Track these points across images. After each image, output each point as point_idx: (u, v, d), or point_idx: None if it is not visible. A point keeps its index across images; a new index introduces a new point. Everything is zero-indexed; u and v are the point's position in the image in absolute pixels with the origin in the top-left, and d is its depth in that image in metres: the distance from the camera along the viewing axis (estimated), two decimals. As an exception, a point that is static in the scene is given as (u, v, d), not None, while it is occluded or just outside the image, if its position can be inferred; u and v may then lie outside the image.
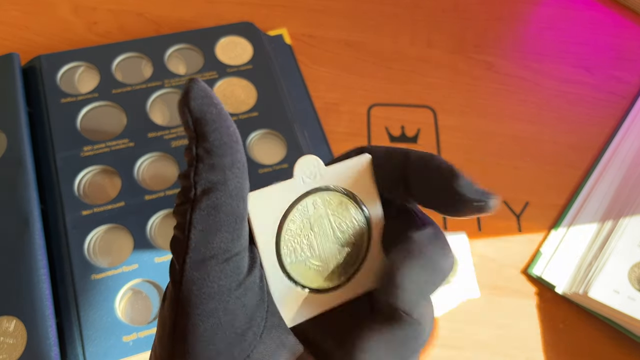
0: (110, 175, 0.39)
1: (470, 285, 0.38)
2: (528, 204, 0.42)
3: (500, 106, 0.47)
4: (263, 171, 0.39)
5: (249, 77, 0.44)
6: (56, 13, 0.49)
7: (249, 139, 0.41)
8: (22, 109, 0.39)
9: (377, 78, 0.48)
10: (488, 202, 0.15)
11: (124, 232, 0.36)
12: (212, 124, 0.15)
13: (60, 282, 0.34)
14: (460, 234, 0.40)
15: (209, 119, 0.15)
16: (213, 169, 0.15)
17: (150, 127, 0.40)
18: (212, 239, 0.15)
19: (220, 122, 0.15)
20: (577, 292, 0.37)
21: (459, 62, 0.49)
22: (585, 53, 0.51)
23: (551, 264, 0.39)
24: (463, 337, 0.37)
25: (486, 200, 0.15)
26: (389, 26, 0.51)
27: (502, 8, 0.53)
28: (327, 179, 0.17)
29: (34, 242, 0.34)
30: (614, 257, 0.37)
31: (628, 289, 0.36)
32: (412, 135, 0.45)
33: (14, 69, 0.41)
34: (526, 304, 0.38)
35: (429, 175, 0.16)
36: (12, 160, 0.37)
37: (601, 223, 0.40)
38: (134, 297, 0.35)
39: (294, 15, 0.51)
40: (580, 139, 0.46)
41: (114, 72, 0.43)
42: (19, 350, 0.31)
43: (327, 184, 0.17)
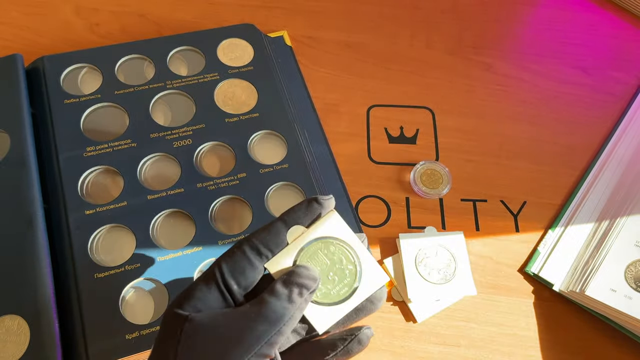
0: (112, 175, 0.39)
1: (467, 283, 0.38)
2: (526, 204, 0.43)
3: (498, 107, 0.47)
4: (264, 171, 0.40)
5: (250, 79, 0.44)
6: (58, 14, 0.50)
7: (250, 140, 0.41)
8: (26, 109, 0.40)
9: (377, 79, 0.48)
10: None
11: (126, 232, 0.37)
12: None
13: (63, 281, 0.35)
14: (457, 234, 0.40)
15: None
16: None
17: (153, 127, 0.41)
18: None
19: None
20: (574, 290, 0.37)
21: (457, 63, 0.50)
22: (583, 54, 0.51)
23: (548, 262, 0.39)
24: (460, 335, 0.37)
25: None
26: (388, 27, 0.51)
27: (501, 9, 0.54)
28: (314, 235, 0.25)
29: (37, 242, 0.34)
30: (610, 256, 0.37)
31: (624, 288, 0.36)
32: (411, 136, 0.45)
33: (17, 70, 0.41)
34: (523, 302, 0.39)
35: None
36: (15, 160, 0.37)
37: (598, 222, 0.41)
38: (137, 295, 0.35)
39: (294, 17, 0.51)
40: (577, 139, 0.46)
41: (117, 74, 0.43)
42: (22, 349, 0.31)
43: (314, 238, 0.25)
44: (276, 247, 0.24)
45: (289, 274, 0.23)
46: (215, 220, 0.38)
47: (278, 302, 0.22)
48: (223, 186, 0.39)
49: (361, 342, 0.25)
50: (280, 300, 0.22)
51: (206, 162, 0.41)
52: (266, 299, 0.22)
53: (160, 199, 0.38)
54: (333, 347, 0.24)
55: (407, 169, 0.43)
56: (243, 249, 0.24)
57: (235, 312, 0.22)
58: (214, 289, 0.23)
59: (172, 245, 0.37)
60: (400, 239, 0.39)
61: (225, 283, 0.23)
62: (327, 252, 0.25)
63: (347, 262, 0.25)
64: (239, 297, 0.23)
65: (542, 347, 0.37)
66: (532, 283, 0.39)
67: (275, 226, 0.24)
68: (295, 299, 0.23)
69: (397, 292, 0.38)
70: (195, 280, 0.23)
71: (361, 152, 0.44)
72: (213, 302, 0.23)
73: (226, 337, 0.21)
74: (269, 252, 0.24)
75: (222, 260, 0.23)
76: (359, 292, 0.25)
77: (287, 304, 0.22)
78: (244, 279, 0.23)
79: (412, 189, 0.42)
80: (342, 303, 0.24)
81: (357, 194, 0.42)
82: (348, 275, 0.25)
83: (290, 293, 0.23)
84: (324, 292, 0.24)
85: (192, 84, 0.43)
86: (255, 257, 0.23)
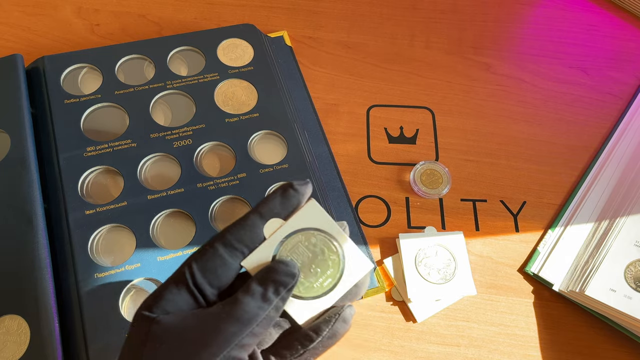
0: (113, 175, 0.39)
1: (467, 283, 0.38)
2: (525, 204, 0.43)
3: (497, 107, 0.47)
4: (264, 171, 0.40)
5: (250, 79, 0.44)
6: (59, 15, 0.50)
7: (250, 140, 0.41)
8: (26, 109, 0.40)
9: (376, 79, 0.48)
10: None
11: (126, 232, 0.37)
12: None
13: (64, 281, 0.35)
14: (457, 234, 0.40)
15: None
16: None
17: (153, 127, 0.41)
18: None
19: None
20: (574, 290, 0.37)
21: (457, 64, 0.50)
22: (582, 54, 0.51)
23: (548, 262, 0.39)
24: (460, 334, 0.37)
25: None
26: (388, 28, 0.51)
27: (500, 10, 0.54)
28: (293, 227, 0.23)
29: (37, 242, 0.34)
30: (610, 256, 0.37)
31: (624, 288, 0.36)
32: (410, 136, 0.45)
33: (18, 70, 0.41)
34: (523, 302, 0.39)
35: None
36: (15, 160, 0.37)
37: (598, 222, 0.41)
38: (137, 295, 0.35)
39: (294, 17, 0.51)
40: (577, 139, 0.46)
41: (117, 74, 0.43)
42: (22, 348, 0.31)
43: (293, 230, 0.23)
44: (252, 242, 0.23)
45: (265, 271, 0.22)
46: (215, 220, 0.38)
47: (252, 302, 0.21)
48: (223, 186, 0.39)
49: (346, 320, 0.23)
50: (254, 299, 0.21)
51: (206, 162, 0.41)
52: (239, 299, 0.21)
53: (160, 198, 0.38)
54: (318, 331, 0.23)
55: (407, 169, 0.44)
56: (215, 247, 0.22)
57: (204, 312, 0.21)
58: (184, 290, 0.22)
59: (172, 245, 0.37)
60: (400, 239, 0.39)
61: (196, 283, 0.22)
62: (309, 244, 0.24)
63: (330, 253, 0.24)
64: (211, 297, 0.22)
65: (542, 347, 0.37)
66: (532, 283, 0.39)
67: (249, 219, 0.23)
68: (271, 297, 0.21)
69: (397, 292, 0.38)
70: (165, 281, 0.22)
71: (361, 152, 0.44)
72: (183, 303, 0.22)
73: (193, 339, 0.20)
74: (244, 247, 0.22)
75: (192, 259, 0.22)
76: (343, 282, 0.24)
77: (261, 303, 0.21)
78: (216, 278, 0.22)
79: (412, 189, 0.43)
80: (326, 295, 0.23)
81: (357, 194, 0.42)
82: (331, 266, 0.24)
83: (265, 291, 0.21)
84: (306, 285, 0.23)
85: (192, 84, 0.43)
86: (229, 254, 0.22)
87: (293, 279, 0.22)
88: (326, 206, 0.39)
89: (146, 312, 0.22)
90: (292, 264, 0.23)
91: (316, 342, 0.23)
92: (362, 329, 0.37)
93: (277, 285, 0.22)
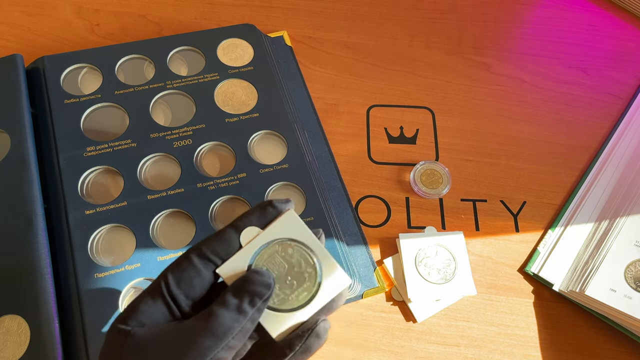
0: (113, 175, 0.39)
1: (467, 283, 0.38)
2: (525, 204, 0.43)
3: (497, 107, 0.47)
4: (264, 171, 0.40)
5: (250, 79, 0.44)
6: (59, 15, 0.50)
7: (250, 140, 0.41)
8: (26, 109, 0.40)
9: (376, 79, 0.48)
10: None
11: (126, 232, 0.37)
12: None
13: (64, 281, 0.35)
14: (457, 234, 0.40)
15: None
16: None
17: (153, 127, 0.41)
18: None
19: None
20: (574, 290, 0.37)
21: (457, 64, 0.50)
22: (582, 54, 0.51)
23: (548, 262, 0.39)
24: (460, 334, 0.37)
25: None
26: (388, 28, 0.52)
27: (500, 10, 0.54)
28: (269, 237, 0.23)
29: (37, 241, 0.34)
30: (610, 256, 0.37)
31: (624, 288, 0.36)
32: (410, 136, 0.45)
33: (18, 70, 0.41)
34: (523, 302, 0.39)
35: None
36: (15, 160, 0.37)
37: (598, 222, 0.41)
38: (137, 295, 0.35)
39: (294, 17, 0.51)
40: (577, 139, 0.46)
41: (117, 74, 0.43)
42: (22, 349, 0.31)
43: (270, 240, 0.23)
44: (226, 254, 0.23)
45: (240, 281, 0.22)
46: (215, 220, 0.38)
47: (227, 314, 0.21)
48: (223, 186, 0.39)
49: (319, 335, 0.23)
50: (229, 311, 0.21)
51: (206, 162, 0.41)
52: (214, 311, 0.21)
53: (160, 198, 0.38)
54: (290, 346, 0.22)
55: (407, 169, 0.44)
56: (190, 258, 0.22)
57: (179, 325, 0.21)
58: (159, 301, 0.21)
59: (172, 245, 0.37)
60: (400, 239, 0.39)
61: (171, 294, 0.22)
62: (285, 255, 0.23)
63: (307, 265, 0.23)
64: (186, 308, 0.22)
65: (542, 347, 0.37)
66: (532, 283, 0.39)
67: (226, 232, 0.23)
68: (246, 309, 0.21)
69: (397, 292, 0.38)
70: (141, 292, 0.22)
71: (361, 152, 0.44)
72: (158, 315, 0.21)
73: (168, 352, 0.20)
74: (218, 259, 0.22)
75: (167, 270, 0.22)
76: (320, 296, 0.23)
77: (236, 315, 0.21)
78: (191, 289, 0.22)
79: (412, 189, 0.43)
80: (302, 309, 0.23)
81: (357, 194, 0.42)
82: (308, 279, 0.23)
83: (240, 302, 0.21)
84: (281, 297, 0.23)
85: (192, 84, 0.43)
86: (203, 265, 0.22)
87: (268, 289, 0.22)
88: (326, 206, 0.39)
89: (121, 325, 0.21)
90: (267, 273, 0.22)
91: (288, 357, 0.22)
92: (362, 329, 0.37)
93: (252, 296, 0.21)
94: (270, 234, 0.23)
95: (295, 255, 0.23)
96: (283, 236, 0.23)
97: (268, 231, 0.23)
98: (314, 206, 0.38)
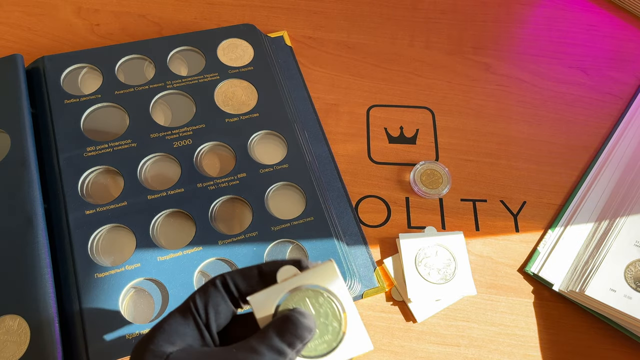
0: (113, 175, 0.39)
1: (467, 283, 0.38)
2: (525, 204, 0.43)
3: (497, 107, 0.47)
4: (264, 171, 0.40)
5: (250, 79, 0.44)
6: (59, 15, 0.50)
7: (250, 140, 0.41)
8: (26, 109, 0.40)
9: (376, 79, 0.48)
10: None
11: (126, 232, 0.37)
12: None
13: (64, 281, 0.35)
14: (457, 234, 0.40)
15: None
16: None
17: (153, 127, 0.41)
18: None
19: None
20: (574, 290, 0.37)
21: (457, 64, 0.50)
22: (582, 54, 0.51)
23: (548, 262, 0.39)
24: (460, 334, 0.37)
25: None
26: (388, 28, 0.52)
27: (500, 10, 0.54)
28: (305, 280, 0.23)
29: (37, 241, 0.34)
30: (610, 256, 0.37)
31: (624, 288, 0.36)
32: (410, 136, 0.45)
33: (18, 70, 0.41)
34: (523, 302, 0.39)
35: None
36: (15, 160, 0.37)
37: (598, 222, 0.41)
38: (137, 295, 0.35)
39: (294, 17, 0.51)
40: (577, 139, 0.46)
41: (117, 74, 0.43)
42: (22, 349, 0.31)
43: (304, 284, 0.23)
44: (246, 291, 0.23)
45: (283, 321, 0.22)
46: (216, 220, 0.38)
47: (268, 353, 0.20)
48: (223, 186, 0.39)
49: None
50: (270, 350, 0.21)
51: (206, 162, 0.41)
52: (256, 347, 0.21)
53: (160, 198, 0.38)
54: None
55: (406, 169, 0.44)
56: (217, 285, 0.22)
57: (219, 354, 0.21)
58: (191, 322, 0.22)
59: (172, 245, 0.37)
60: (400, 239, 0.39)
61: (200, 316, 0.22)
62: (315, 302, 0.23)
63: (333, 319, 0.23)
64: (214, 333, 0.22)
65: (542, 346, 0.37)
66: (532, 283, 0.39)
67: (252, 272, 0.23)
68: (287, 351, 0.21)
69: (397, 292, 0.38)
70: (170, 313, 0.22)
71: (361, 152, 0.44)
72: (190, 337, 0.21)
73: None
74: (239, 294, 0.23)
75: (196, 294, 0.22)
76: (337, 353, 0.23)
77: (276, 356, 0.21)
78: (218, 315, 0.22)
79: (412, 189, 0.43)
80: (316, 359, 0.23)
81: (357, 194, 0.42)
82: (330, 332, 0.23)
83: (282, 343, 0.21)
84: None
85: (192, 84, 0.43)
86: (227, 294, 0.22)
87: (310, 334, 0.22)
88: (326, 206, 0.39)
89: (153, 346, 0.21)
90: (310, 317, 0.22)
91: None
92: (362, 329, 0.37)
93: (294, 339, 0.21)
94: (306, 278, 0.23)
95: (324, 306, 0.23)
96: (319, 284, 0.23)
97: (305, 275, 0.23)
98: (314, 206, 0.38)
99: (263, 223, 0.37)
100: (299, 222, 0.38)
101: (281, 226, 0.37)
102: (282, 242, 0.37)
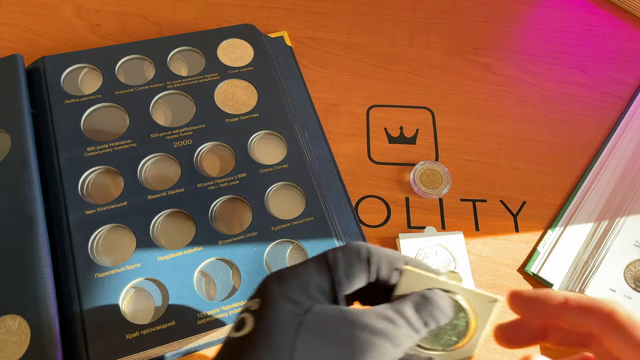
0: (113, 175, 0.39)
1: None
2: (525, 204, 0.43)
3: (497, 107, 0.47)
4: (264, 171, 0.40)
5: (250, 79, 0.44)
6: (59, 15, 0.50)
7: (250, 140, 0.41)
8: (26, 109, 0.40)
9: (376, 79, 0.48)
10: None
11: (126, 232, 0.37)
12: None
13: (64, 281, 0.35)
14: (457, 234, 0.40)
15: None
16: None
17: (153, 127, 0.41)
18: None
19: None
20: (574, 290, 0.37)
21: (457, 64, 0.50)
22: (582, 54, 0.51)
23: (548, 262, 0.39)
24: (461, 334, 0.37)
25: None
26: (388, 28, 0.52)
27: (500, 10, 0.54)
28: (463, 292, 0.23)
29: (37, 242, 0.34)
30: (610, 256, 0.38)
31: (624, 288, 0.36)
32: (410, 136, 0.45)
33: (18, 70, 0.41)
34: (523, 302, 0.39)
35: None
36: (16, 160, 0.37)
37: (597, 222, 0.41)
38: (137, 295, 0.35)
39: (294, 18, 0.51)
40: (577, 139, 0.46)
41: (117, 74, 0.43)
42: (22, 349, 0.31)
43: (461, 294, 0.23)
44: (383, 276, 0.22)
45: (424, 297, 0.22)
46: (216, 220, 0.38)
47: (404, 326, 0.21)
48: (223, 186, 0.39)
49: None
50: (407, 324, 0.21)
51: (206, 162, 0.41)
52: (394, 319, 0.21)
53: (160, 198, 0.38)
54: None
55: (406, 169, 0.44)
56: (359, 249, 0.22)
57: (358, 318, 0.20)
58: (329, 278, 0.21)
59: (172, 245, 0.37)
60: (400, 239, 0.39)
61: (341, 273, 0.21)
62: (458, 318, 0.23)
63: (456, 334, 0.23)
64: (342, 294, 0.22)
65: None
66: (532, 283, 0.39)
67: (397, 260, 0.23)
68: (421, 330, 0.21)
69: (397, 292, 0.38)
70: (306, 261, 0.22)
71: (361, 152, 0.44)
72: (326, 293, 0.21)
73: (348, 346, 0.19)
74: (375, 269, 0.22)
75: (338, 251, 0.22)
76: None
77: (412, 332, 0.21)
78: (353, 278, 0.22)
79: (412, 189, 0.43)
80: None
81: (357, 194, 0.42)
82: (443, 344, 0.23)
83: (418, 321, 0.21)
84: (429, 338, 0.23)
85: (192, 84, 0.43)
86: (367, 264, 0.22)
87: (446, 319, 0.22)
88: (326, 206, 0.39)
89: (293, 294, 0.20)
90: (449, 302, 0.22)
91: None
92: (362, 329, 0.37)
93: (430, 318, 0.21)
94: (467, 292, 0.23)
95: (461, 319, 0.23)
96: (475, 308, 0.23)
97: (468, 289, 0.23)
98: (314, 206, 0.38)
99: (263, 223, 0.38)
100: (299, 222, 0.38)
101: (281, 226, 0.37)
102: (282, 242, 0.37)
